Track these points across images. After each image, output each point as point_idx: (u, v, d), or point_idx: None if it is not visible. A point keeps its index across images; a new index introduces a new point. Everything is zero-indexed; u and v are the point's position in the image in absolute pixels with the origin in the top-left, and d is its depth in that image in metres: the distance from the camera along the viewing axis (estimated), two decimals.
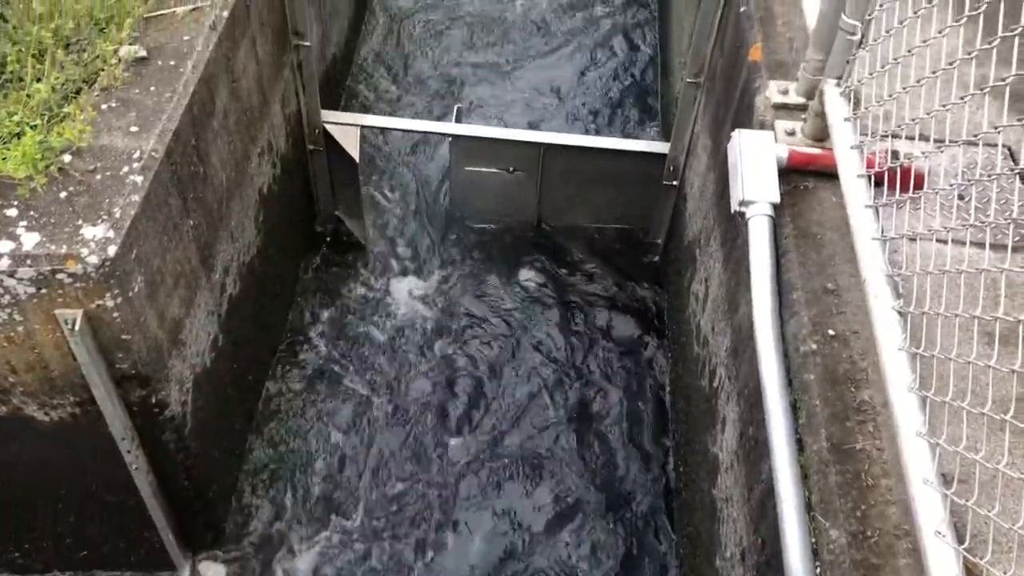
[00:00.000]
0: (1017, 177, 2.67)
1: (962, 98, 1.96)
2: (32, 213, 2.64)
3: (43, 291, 2.59)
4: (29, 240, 2.57)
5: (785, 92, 3.03)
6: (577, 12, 6.54)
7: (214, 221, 3.44)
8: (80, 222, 2.63)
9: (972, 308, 1.93)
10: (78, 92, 3.02)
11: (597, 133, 5.64)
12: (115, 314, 2.70)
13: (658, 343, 4.62)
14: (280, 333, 4.53)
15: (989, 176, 1.83)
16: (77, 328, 2.64)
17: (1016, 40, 1.72)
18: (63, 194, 2.70)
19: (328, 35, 5.27)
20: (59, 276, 2.56)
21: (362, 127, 4.66)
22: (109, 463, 3.12)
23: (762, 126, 2.98)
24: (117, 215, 2.66)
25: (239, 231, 3.74)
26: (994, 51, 1.87)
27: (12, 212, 2.64)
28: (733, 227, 3.22)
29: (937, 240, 2.26)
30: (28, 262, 2.54)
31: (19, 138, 2.80)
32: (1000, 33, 1.84)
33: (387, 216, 5.20)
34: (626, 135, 5.65)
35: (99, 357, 2.78)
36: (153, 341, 2.94)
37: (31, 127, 2.84)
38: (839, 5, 2.62)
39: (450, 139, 4.84)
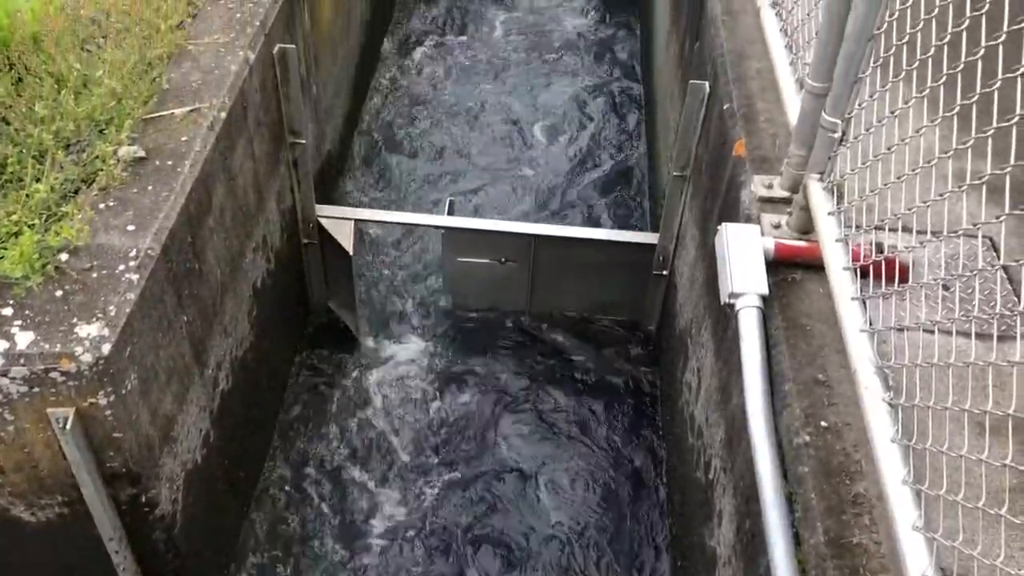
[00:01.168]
0: (1000, 268, 2.72)
1: (941, 194, 2.01)
2: (27, 312, 2.66)
3: (36, 390, 2.59)
4: (23, 339, 2.58)
5: (770, 186, 3.10)
6: (570, 118, 6.70)
7: (208, 317, 3.46)
8: (75, 320, 2.65)
9: (962, 399, 1.95)
10: (77, 192, 3.07)
11: (589, 216, 5.73)
12: (107, 412, 2.69)
13: (652, 433, 4.60)
14: (273, 426, 4.50)
15: (971, 272, 1.87)
16: (68, 427, 2.63)
17: (997, 132, 1.79)
18: (59, 292, 2.72)
19: (323, 132, 5.38)
20: (52, 375, 2.56)
21: (356, 220, 4.73)
22: (96, 563, 3.06)
23: (748, 219, 3.04)
24: (112, 313, 2.68)
25: (233, 326, 3.76)
26: (970, 142, 1.93)
27: (7, 311, 2.66)
28: (723, 317, 3.25)
29: (924, 330, 2.29)
30: (22, 361, 2.55)
31: (17, 237, 2.84)
32: (974, 133, 1.91)
33: (380, 306, 5.23)
34: (617, 226, 5.74)
35: (90, 456, 2.76)
36: (145, 439, 2.93)
37: (29, 226, 2.88)
38: (819, 104, 2.71)
39: (443, 231, 4.91)
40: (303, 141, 4.35)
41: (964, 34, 1.89)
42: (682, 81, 4.74)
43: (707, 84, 3.90)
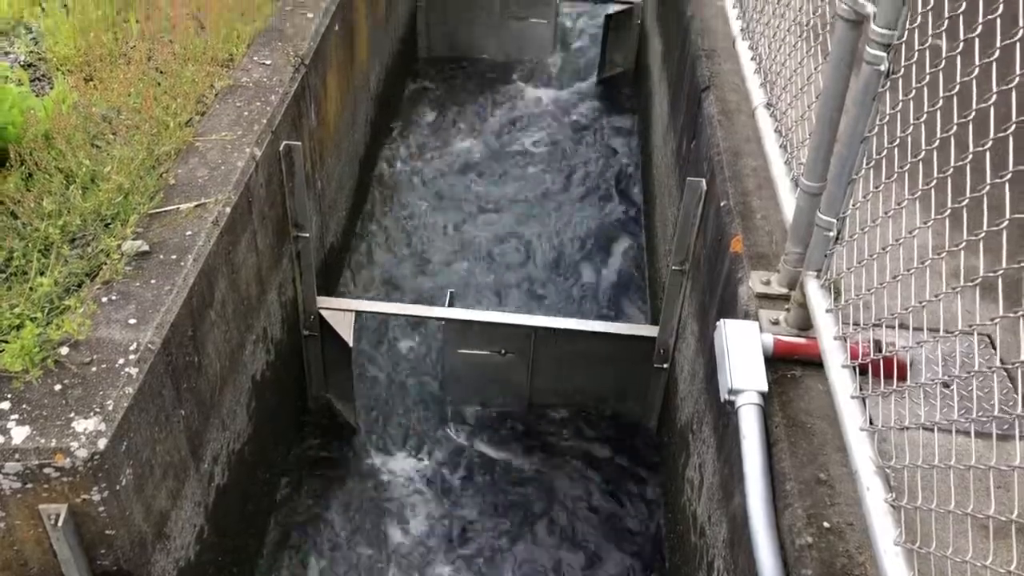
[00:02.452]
0: (999, 367, 2.72)
1: (937, 295, 2.03)
2: (24, 406, 2.65)
3: (29, 486, 2.57)
4: (19, 434, 2.56)
5: (767, 283, 3.13)
6: (570, 211, 6.80)
7: (206, 410, 3.44)
8: (72, 415, 2.64)
9: (965, 500, 1.93)
10: (80, 285, 3.10)
11: (586, 302, 5.75)
12: (101, 508, 2.66)
13: (655, 531, 4.51)
14: (268, 520, 4.43)
15: (969, 372, 1.87)
16: (60, 523, 2.59)
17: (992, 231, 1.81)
18: (57, 386, 2.72)
19: (327, 224, 5.46)
20: (46, 470, 2.54)
21: (357, 312, 4.75)
22: None
23: (746, 315, 3.06)
24: (110, 407, 2.67)
25: (230, 419, 3.74)
26: (963, 245, 1.96)
27: (5, 405, 2.65)
28: (724, 414, 3.24)
29: (925, 429, 2.28)
30: (16, 456, 2.53)
31: (19, 330, 2.85)
32: (966, 234, 1.94)
33: (379, 398, 5.20)
34: (616, 317, 5.76)
35: (81, 553, 2.71)
36: (137, 535, 2.88)
37: (31, 320, 2.89)
38: (814, 203, 2.76)
39: (443, 323, 4.93)
40: (306, 234, 4.40)
41: (952, 140, 1.94)
42: (680, 177, 4.83)
43: (704, 181, 3.97)
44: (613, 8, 7.82)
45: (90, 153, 3.56)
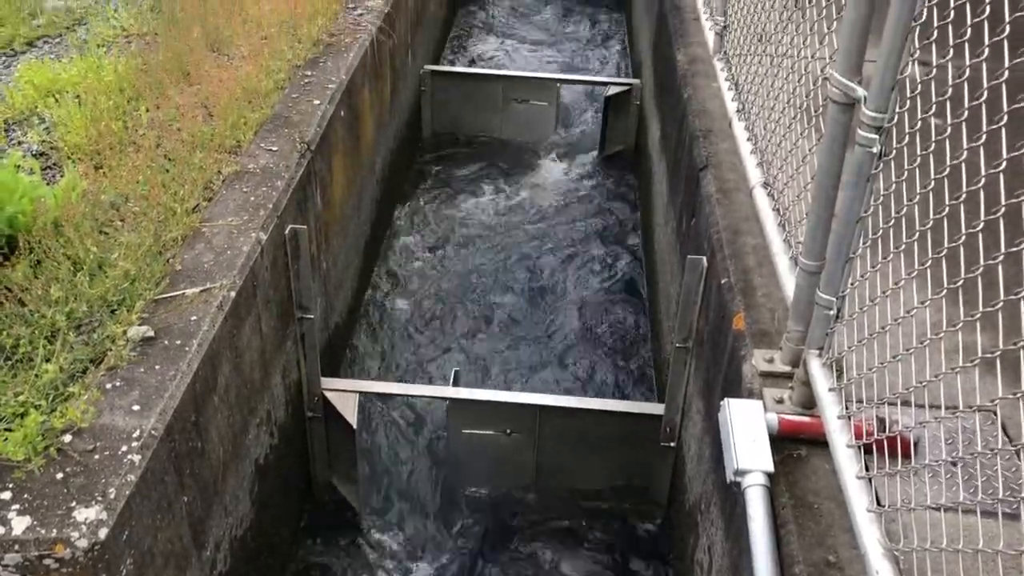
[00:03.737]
0: (1005, 445, 2.70)
1: (937, 375, 2.03)
2: (26, 495, 2.64)
3: None
4: (19, 524, 2.55)
5: (771, 360, 3.13)
6: (574, 288, 6.84)
7: (209, 496, 3.42)
8: (73, 503, 2.62)
9: None
10: (85, 371, 3.11)
11: (592, 381, 5.73)
12: None
13: None
14: None
15: (975, 452, 1.86)
16: None
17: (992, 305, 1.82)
18: (59, 475, 2.71)
19: (332, 305, 5.49)
20: (46, 561, 2.51)
21: (361, 393, 4.74)
22: None
23: (751, 394, 3.05)
24: (112, 495, 2.66)
25: (233, 504, 3.71)
26: (959, 325, 1.97)
27: (6, 495, 2.64)
28: (731, 494, 3.20)
29: (931, 509, 2.26)
30: (16, 548, 2.50)
31: (23, 418, 2.85)
32: (965, 313, 1.95)
33: (383, 480, 5.15)
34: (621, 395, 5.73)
35: None
36: None
37: (35, 407, 2.90)
38: (814, 281, 2.78)
39: (447, 402, 4.91)
40: (311, 316, 4.43)
41: (945, 221, 1.97)
42: (681, 255, 4.87)
43: (704, 259, 4.00)
44: (612, 89, 7.99)
45: (98, 240, 3.61)
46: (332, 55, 5.68)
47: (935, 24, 2.14)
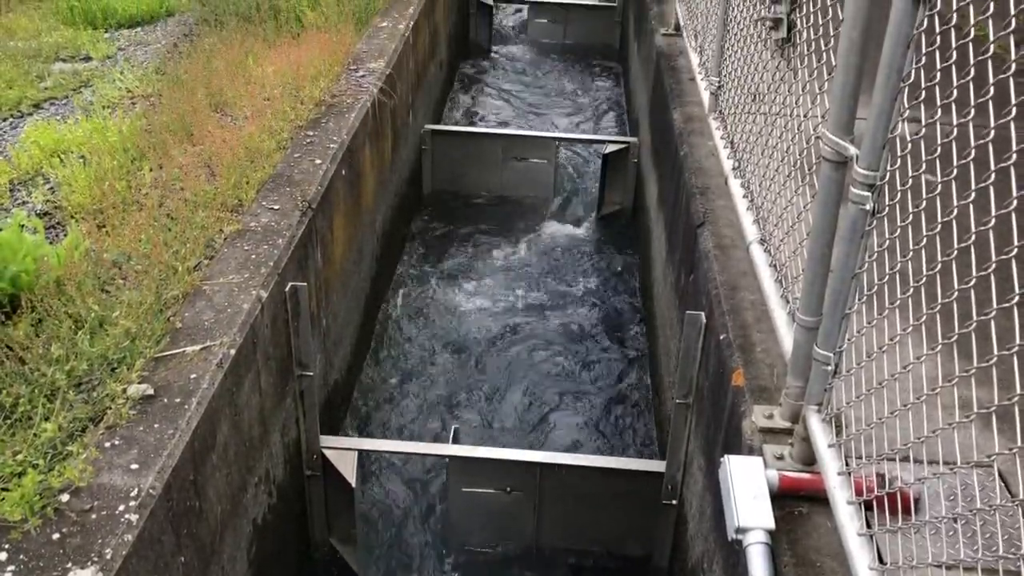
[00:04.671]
0: (1008, 501, 2.69)
1: (934, 431, 2.03)
2: (21, 556, 2.62)
3: None
4: None
5: (770, 416, 3.12)
6: (575, 344, 6.85)
7: (206, 556, 3.38)
8: (69, 564, 2.60)
9: None
10: (84, 430, 3.11)
11: (593, 438, 5.70)
12: None
13: None
14: None
15: (977, 508, 1.86)
16: None
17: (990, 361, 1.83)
18: (56, 535, 2.69)
19: (331, 362, 5.49)
20: None
21: (360, 451, 4.72)
22: None
23: (751, 451, 3.04)
24: (108, 556, 2.63)
25: (231, 565, 3.66)
26: (955, 380, 1.98)
27: (2, 556, 2.62)
28: (733, 552, 3.17)
29: (934, 566, 2.24)
30: None
31: (21, 477, 2.84)
32: (961, 367, 1.96)
33: (382, 540, 5.10)
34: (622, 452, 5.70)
35: None
36: None
37: (33, 466, 2.89)
38: (811, 336, 2.79)
39: (447, 460, 4.88)
40: (311, 373, 4.43)
41: (938, 277, 1.99)
42: (680, 311, 4.88)
43: (703, 315, 4.02)
44: (610, 148, 8.10)
45: (99, 298, 3.64)
46: (334, 115, 5.77)
47: (923, 85, 2.19)
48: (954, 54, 2.07)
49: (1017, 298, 1.72)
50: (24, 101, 6.13)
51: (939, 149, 2.05)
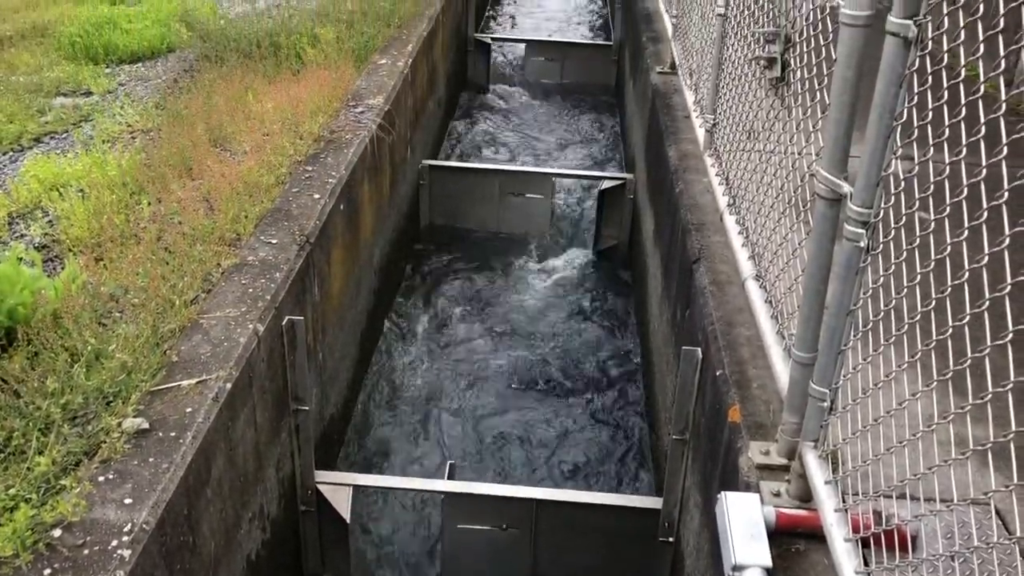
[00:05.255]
0: (1006, 539, 2.67)
1: (930, 468, 2.03)
2: None
3: None
4: None
5: (767, 453, 3.11)
6: (573, 379, 6.85)
7: None
8: None
9: None
10: (78, 464, 3.09)
11: (589, 474, 5.66)
12: None
13: None
14: None
15: (970, 549, 1.85)
16: None
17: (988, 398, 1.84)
18: (47, 571, 2.67)
19: (327, 396, 5.48)
20: None
21: (355, 487, 4.69)
22: None
23: (747, 487, 3.03)
24: None
25: None
26: (950, 417, 1.98)
27: None
28: None
29: None
30: None
31: (13, 512, 2.82)
32: (956, 404, 1.97)
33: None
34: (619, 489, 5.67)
35: None
36: None
37: (26, 501, 2.87)
38: (807, 373, 2.79)
39: (442, 497, 4.85)
40: (307, 407, 4.42)
41: (932, 315, 2.00)
42: (676, 346, 4.89)
43: (699, 351, 4.02)
44: (606, 184, 8.15)
45: (96, 332, 3.64)
46: (333, 151, 5.81)
47: (916, 123, 2.22)
48: (945, 93, 2.10)
49: (1011, 335, 1.73)
50: (24, 135, 6.17)
51: (932, 187, 2.07)
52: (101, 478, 3.02)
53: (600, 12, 15.47)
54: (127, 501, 2.93)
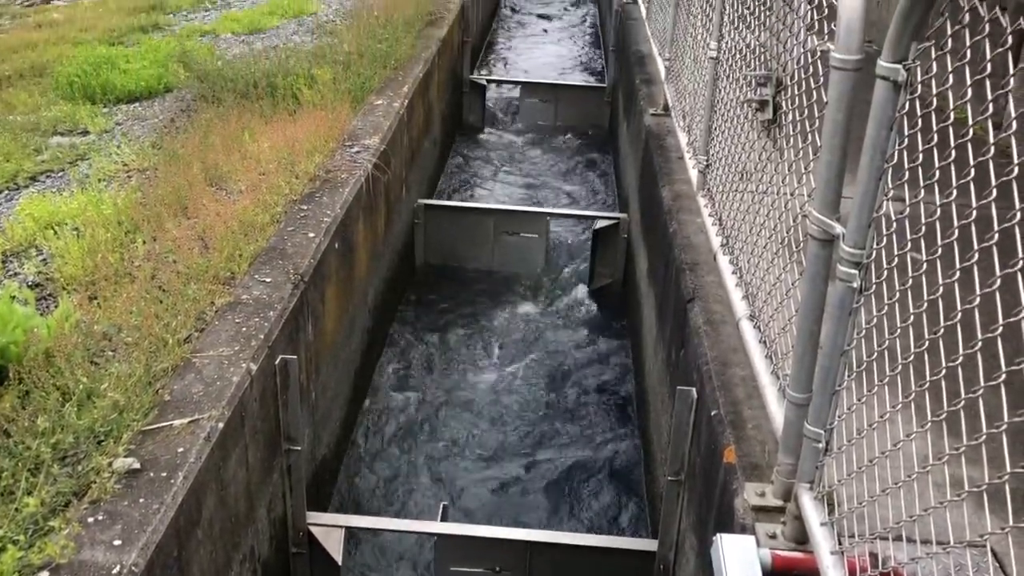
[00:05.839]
0: None
1: (927, 510, 2.02)
2: None
3: None
4: None
5: (762, 494, 3.09)
6: (568, 420, 6.82)
7: None
8: None
9: None
10: (67, 505, 3.06)
11: (584, 516, 5.62)
12: None
13: None
14: None
15: None
16: None
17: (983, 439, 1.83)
18: None
19: (319, 435, 5.44)
20: None
21: (347, 528, 4.64)
22: None
23: (743, 529, 3.01)
24: None
25: None
26: (945, 459, 1.98)
27: None
28: None
29: None
30: None
31: (0, 554, 2.78)
32: (951, 445, 1.96)
33: None
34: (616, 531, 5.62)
35: None
36: None
37: (13, 543, 2.83)
38: (802, 413, 2.79)
39: (435, 538, 4.80)
40: (299, 447, 4.39)
41: (925, 354, 2.00)
42: (671, 386, 4.87)
43: (694, 391, 4.01)
44: (600, 223, 8.19)
45: (88, 370, 3.62)
46: (328, 190, 5.84)
47: (907, 165, 2.24)
48: (935, 136, 2.12)
49: (1003, 376, 1.74)
50: (20, 174, 6.19)
51: (924, 228, 2.09)
52: (91, 519, 2.99)
53: (594, 55, 15.65)
54: (116, 543, 2.90)
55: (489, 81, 12.59)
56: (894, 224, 2.35)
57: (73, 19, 11.02)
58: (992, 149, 1.83)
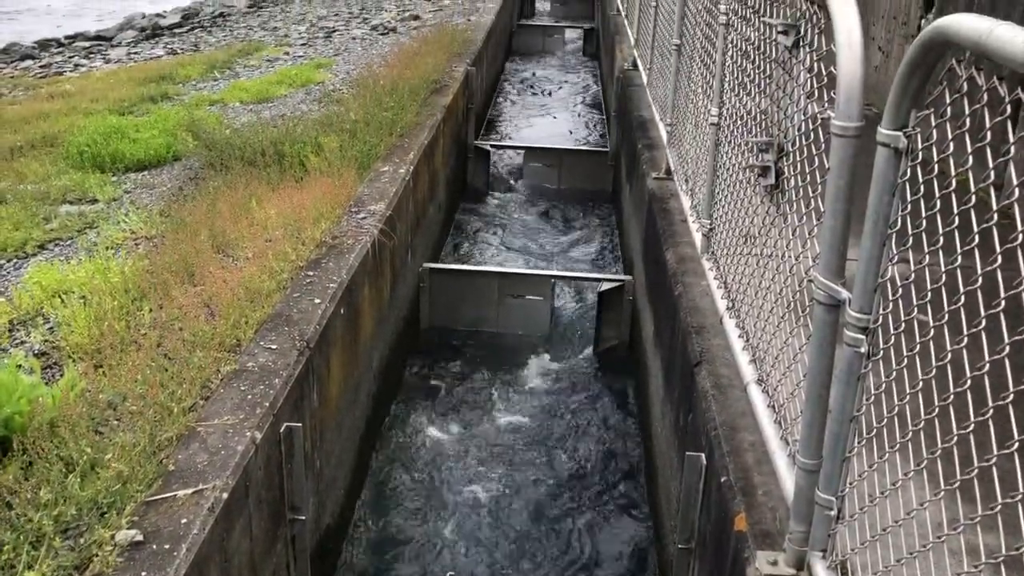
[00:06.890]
0: None
1: None
2: None
3: None
4: None
5: (775, 563, 3.03)
6: (575, 483, 6.75)
7: None
8: None
9: None
10: None
11: None
12: None
13: None
14: None
15: None
16: None
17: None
18: None
19: (323, 504, 5.37)
20: None
21: None
22: None
23: None
24: None
25: None
26: (960, 529, 1.94)
27: None
28: None
29: None
30: None
31: None
32: (966, 514, 1.93)
33: None
34: None
35: None
36: None
37: None
38: (813, 479, 2.75)
39: None
40: (303, 517, 4.33)
41: (936, 421, 1.98)
42: (679, 451, 4.83)
43: (703, 456, 3.97)
44: (605, 285, 8.20)
45: (92, 440, 3.60)
46: (334, 256, 5.87)
47: (911, 230, 2.25)
48: (938, 201, 2.14)
49: (1016, 444, 1.72)
50: (29, 242, 6.25)
51: (929, 292, 2.08)
52: None
53: (596, 119, 15.87)
54: None
55: (493, 146, 12.74)
56: (900, 288, 2.35)
57: (84, 90, 11.25)
58: (995, 216, 1.83)
